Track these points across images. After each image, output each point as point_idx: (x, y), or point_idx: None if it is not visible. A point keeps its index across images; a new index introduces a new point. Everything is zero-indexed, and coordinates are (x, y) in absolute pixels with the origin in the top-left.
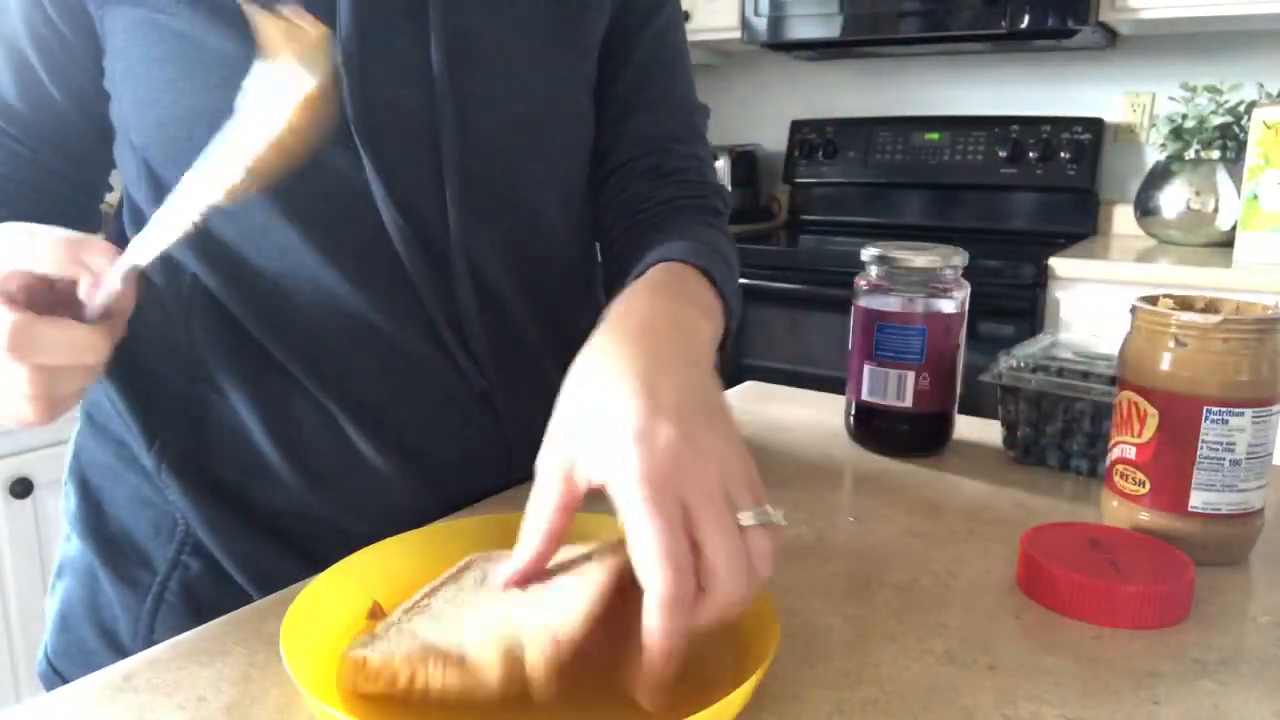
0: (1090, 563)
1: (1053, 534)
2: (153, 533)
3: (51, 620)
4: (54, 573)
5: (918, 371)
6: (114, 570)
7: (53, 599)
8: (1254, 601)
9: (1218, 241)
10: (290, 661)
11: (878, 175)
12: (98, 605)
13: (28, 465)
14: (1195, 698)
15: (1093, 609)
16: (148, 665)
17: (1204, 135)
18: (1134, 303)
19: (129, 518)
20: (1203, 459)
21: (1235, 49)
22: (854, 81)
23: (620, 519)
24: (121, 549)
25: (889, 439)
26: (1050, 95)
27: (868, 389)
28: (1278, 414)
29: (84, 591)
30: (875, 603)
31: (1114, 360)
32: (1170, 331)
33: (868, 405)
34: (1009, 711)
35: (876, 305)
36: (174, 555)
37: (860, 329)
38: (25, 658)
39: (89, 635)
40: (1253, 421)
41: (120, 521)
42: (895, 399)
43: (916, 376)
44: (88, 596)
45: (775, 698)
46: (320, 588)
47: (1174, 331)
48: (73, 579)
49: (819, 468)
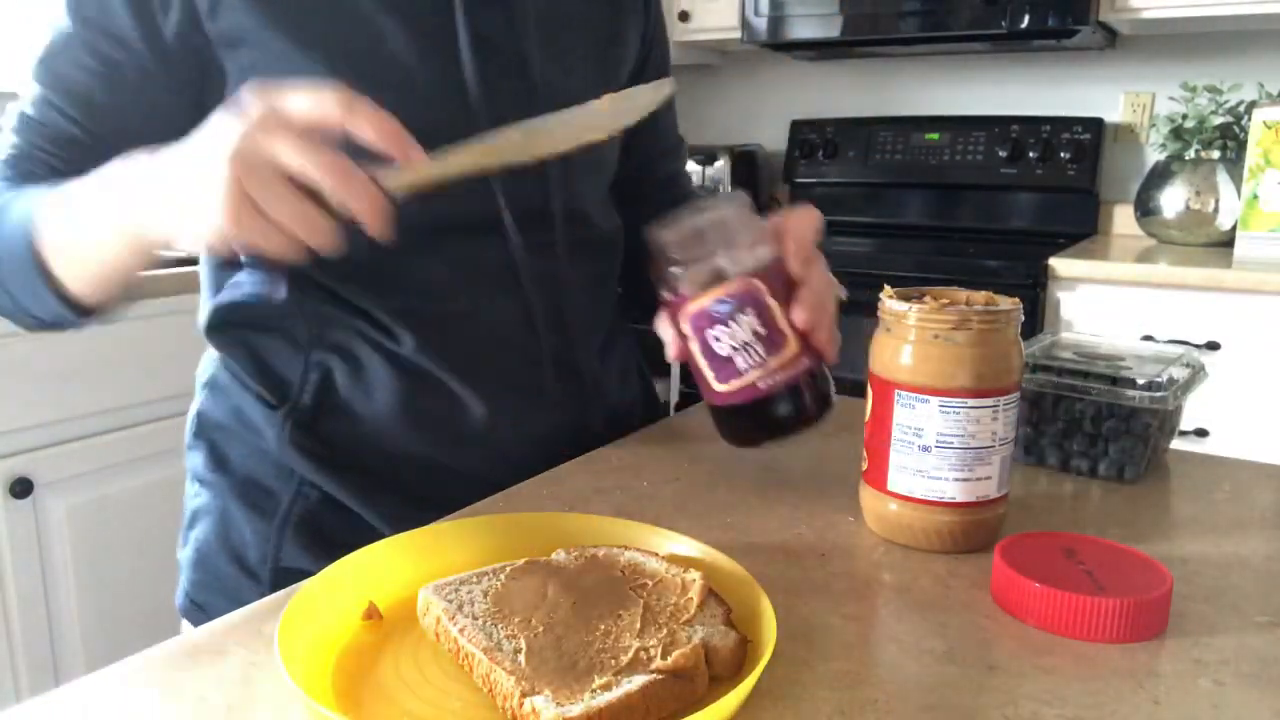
0: (1065, 575)
1: (1028, 544)
2: (275, 473)
3: (187, 562)
4: (185, 525)
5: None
6: (243, 501)
7: (186, 547)
8: (1253, 602)
9: (1218, 241)
10: (286, 662)
11: (878, 175)
12: (229, 539)
13: (28, 465)
14: (1195, 698)
15: (1066, 625)
16: (148, 665)
17: (1204, 135)
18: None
19: (253, 465)
20: (896, 441)
21: (1235, 49)
22: (854, 81)
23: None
24: (248, 486)
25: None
26: (1050, 95)
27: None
28: (976, 409)
29: (218, 529)
30: (875, 603)
31: (1114, 360)
32: (881, 315)
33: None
34: (1009, 711)
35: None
36: (295, 489)
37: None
38: (25, 658)
39: (223, 565)
40: (939, 410)
41: (245, 468)
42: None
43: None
44: (221, 533)
45: (775, 698)
46: (316, 589)
47: (881, 316)
48: (205, 523)
49: (819, 468)
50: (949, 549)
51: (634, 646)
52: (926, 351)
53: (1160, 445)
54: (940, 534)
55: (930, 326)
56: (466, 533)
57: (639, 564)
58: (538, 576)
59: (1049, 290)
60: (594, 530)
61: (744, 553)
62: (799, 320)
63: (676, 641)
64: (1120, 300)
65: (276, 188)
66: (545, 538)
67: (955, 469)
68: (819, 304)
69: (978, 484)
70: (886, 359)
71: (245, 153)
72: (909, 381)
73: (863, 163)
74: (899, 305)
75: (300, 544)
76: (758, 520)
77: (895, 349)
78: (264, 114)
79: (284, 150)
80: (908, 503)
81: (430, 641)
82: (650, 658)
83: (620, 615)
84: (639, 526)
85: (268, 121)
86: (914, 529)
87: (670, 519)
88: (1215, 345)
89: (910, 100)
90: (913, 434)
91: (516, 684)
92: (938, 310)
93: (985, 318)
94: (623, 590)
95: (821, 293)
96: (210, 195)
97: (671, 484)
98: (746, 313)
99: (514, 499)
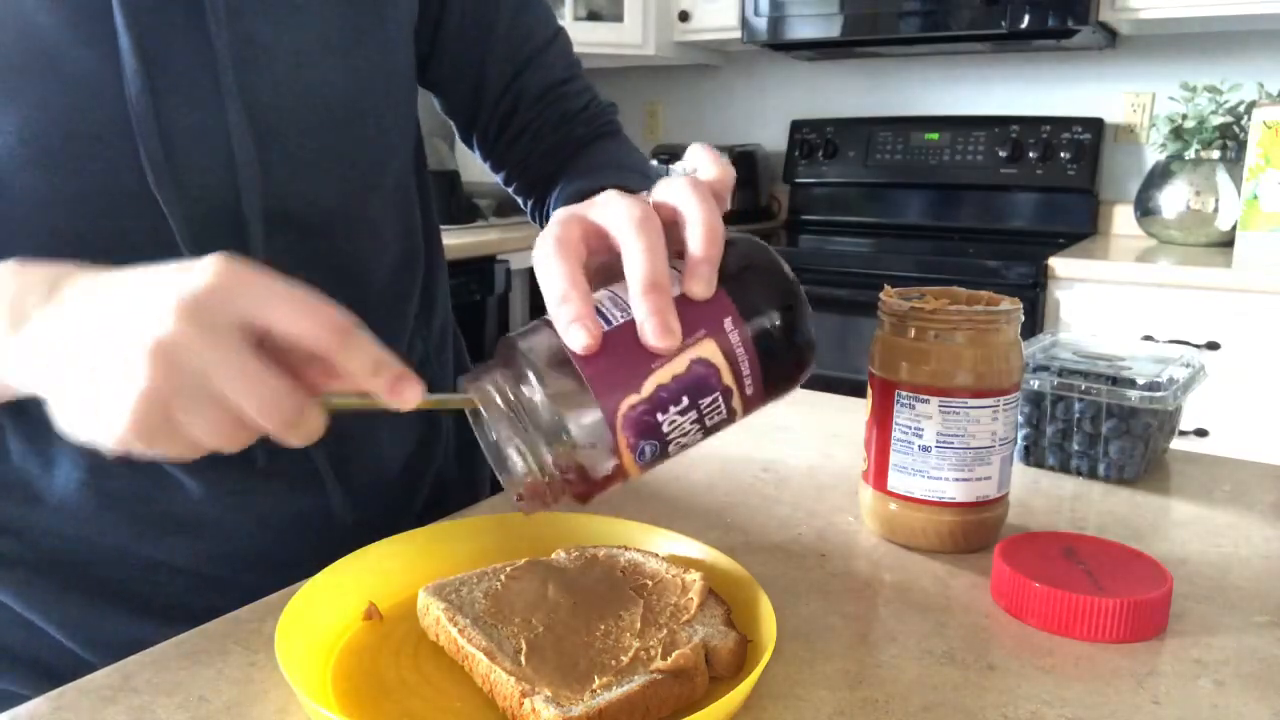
0: (1065, 575)
1: (1028, 544)
2: None
3: None
4: None
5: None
6: None
7: None
8: (1253, 602)
9: (1218, 241)
10: (286, 662)
11: (878, 175)
12: None
13: None
14: (1195, 698)
15: (1066, 625)
16: (148, 665)
17: (1204, 135)
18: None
19: None
20: (896, 441)
21: (1235, 49)
22: (854, 81)
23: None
24: None
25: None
26: (1050, 95)
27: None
28: (976, 409)
29: None
30: (875, 603)
31: (1114, 360)
32: (880, 315)
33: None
34: (1009, 711)
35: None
36: None
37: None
38: None
39: None
40: (939, 410)
41: None
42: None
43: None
44: None
45: (775, 698)
46: (316, 589)
47: (882, 315)
48: None
49: (819, 468)
50: (949, 549)
51: (634, 647)
52: (926, 351)
53: (1160, 445)
54: (940, 534)
55: (930, 326)
56: (466, 533)
57: (639, 564)
58: (538, 576)
59: (1049, 290)
60: (594, 530)
61: (744, 553)
62: (698, 291)
63: (676, 641)
64: (1120, 300)
65: (201, 404)
66: (545, 538)
67: (955, 469)
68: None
69: (978, 484)
70: (886, 359)
71: (174, 351)
72: (909, 381)
73: (862, 163)
74: (899, 305)
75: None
76: (758, 520)
77: (895, 349)
78: (213, 304)
79: (222, 372)
80: (908, 503)
81: (430, 641)
82: (650, 658)
83: (620, 615)
84: (639, 526)
85: (215, 319)
86: (914, 529)
87: (670, 519)
88: (1215, 345)
89: (910, 100)
90: (913, 434)
91: (516, 684)
92: (938, 310)
93: (985, 318)
94: (623, 590)
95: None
96: (118, 399)
97: (671, 484)
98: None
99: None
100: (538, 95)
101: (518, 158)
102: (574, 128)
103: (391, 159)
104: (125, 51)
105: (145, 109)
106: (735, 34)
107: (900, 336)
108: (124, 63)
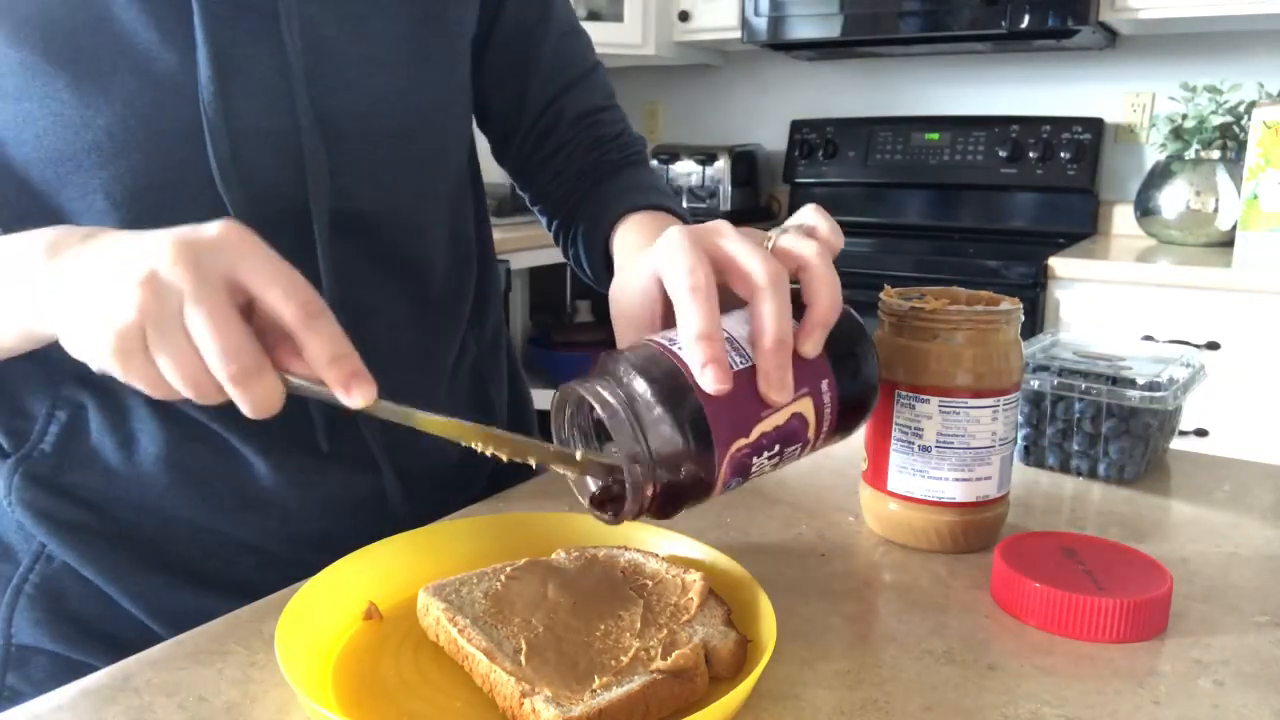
0: (1065, 575)
1: (1028, 544)
2: (14, 528)
3: None
4: None
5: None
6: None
7: None
8: (1253, 602)
9: (1218, 241)
10: (286, 662)
11: (878, 175)
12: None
13: None
14: (1195, 698)
15: (1066, 625)
16: (148, 665)
17: (1204, 135)
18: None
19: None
20: (896, 441)
21: (1235, 49)
22: (854, 81)
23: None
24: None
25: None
26: (1050, 95)
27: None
28: (976, 409)
29: None
30: (875, 603)
31: (1114, 360)
32: (880, 315)
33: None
34: (1009, 711)
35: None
36: (36, 550)
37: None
38: None
39: None
40: (939, 410)
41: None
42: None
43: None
44: None
45: (775, 698)
46: (316, 588)
47: (882, 315)
48: None
49: (819, 467)
50: (949, 549)
51: (634, 647)
52: (926, 351)
53: (1160, 445)
54: (940, 534)
55: (930, 326)
56: (466, 533)
57: (639, 564)
58: (538, 576)
59: (1049, 290)
60: (594, 530)
61: (744, 553)
62: (809, 349)
63: (676, 641)
64: (1120, 300)
65: (173, 338)
66: (545, 538)
67: (955, 469)
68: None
69: (978, 484)
70: (886, 359)
71: (160, 285)
72: (909, 381)
73: (862, 163)
74: (899, 305)
75: (35, 619)
76: (758, 520)
77: (895, 349)
78: (208, 254)
79: (196, 310)
80: (908, 503)
81: (430, 641)
82: (650, 658)
83: (620, 615)
84: (639, 526)
85: (205, 266)
86: (914, 529)
87: (670, 519)
88: (1215, 345)
89: (910, 100)
90: (913, 434)
91: (516, 684)
92: (938, 310)
93: (985, 318)
94: (623, 590)
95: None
96: (106, 321)
97: None
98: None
99: (514, 499)
100: (576, 117)
101: (549, 175)
102: (606, 152)
103: (450, 165)
104: (201, 55)
105: (216, 111)
106: (735, 34)
107: (900, 336)
108: (199, 66)
